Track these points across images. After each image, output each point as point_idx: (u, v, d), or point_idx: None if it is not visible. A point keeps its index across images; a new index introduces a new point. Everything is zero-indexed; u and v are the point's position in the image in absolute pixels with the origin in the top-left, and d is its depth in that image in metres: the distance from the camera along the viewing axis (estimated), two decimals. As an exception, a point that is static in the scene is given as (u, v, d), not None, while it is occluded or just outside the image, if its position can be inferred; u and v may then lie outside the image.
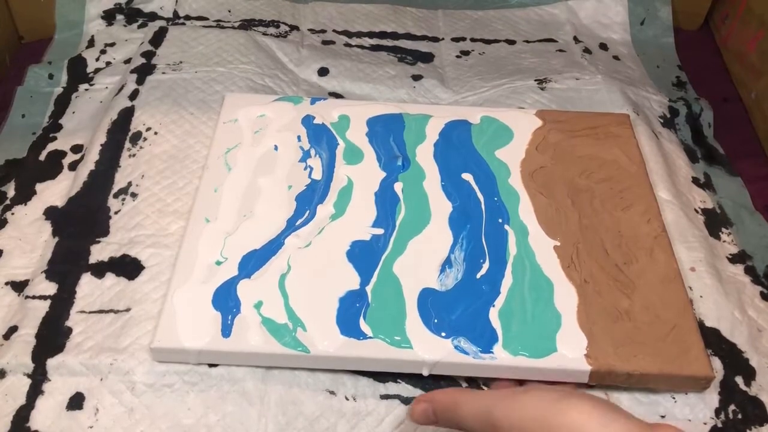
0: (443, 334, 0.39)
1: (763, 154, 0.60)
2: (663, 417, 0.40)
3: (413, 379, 0.41)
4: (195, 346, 0.39)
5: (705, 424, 0.40)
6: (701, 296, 0.45)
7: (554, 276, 0.42)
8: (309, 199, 0.46)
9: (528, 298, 0.41)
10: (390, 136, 0.50)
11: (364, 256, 0.43)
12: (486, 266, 0.42)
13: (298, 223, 0.45)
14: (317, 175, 0.48)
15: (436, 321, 0.40)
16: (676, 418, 0.40)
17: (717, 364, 0.42)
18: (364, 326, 0.39)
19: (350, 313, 0.40)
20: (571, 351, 0.38)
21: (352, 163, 0.49)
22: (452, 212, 0.45)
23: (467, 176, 0.47)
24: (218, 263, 0.43)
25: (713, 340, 0.43)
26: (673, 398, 0.41)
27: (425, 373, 0.39)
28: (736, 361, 0.43)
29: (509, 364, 0.38)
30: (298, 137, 0.50)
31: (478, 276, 0.42)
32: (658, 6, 0.69)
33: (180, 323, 0.40)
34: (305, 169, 0.48)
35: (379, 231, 0.44)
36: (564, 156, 0.49)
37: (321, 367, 0.40)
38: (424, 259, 0.43)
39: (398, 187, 0.47)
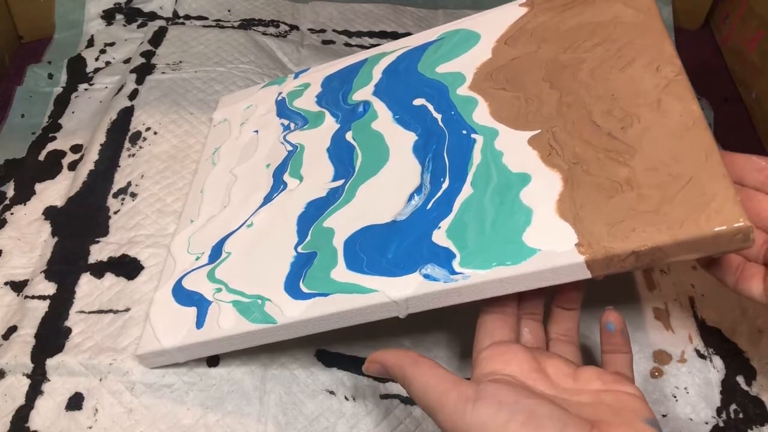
0: (373, 274, 0.36)
1: (765, 154, 0.59)
2: (664, 416, 0.40)
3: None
4: (173, 343, 0.39)
5: (706, 423, 0.40)
6: (703, 295, 0.45)
7: (531, 170, 0.36)
8: (281, 172, 0.45)
9: (489, 206, 0.36)
10: (341, 88, 0.48)
11: (316, 214, 0.41)
12: (446, 184, 0.38)
13: (273, 197, 0.44)
14: (290, 146, 0.47)
15: (366, 264, 0.37)
16: (678, 418, 0.40)
17: (718, 363, 0.42)
18: (303, 287, 0.37)
19: (297, 277, 0.38)
20: (556, 245, 0.32)
21: (310, 128, 0.47)
22: (417, 140, 0.42)
23: (420, 101, 0.44)
24: (197, 258, 0.43)
25: (714, 339, 0.43)
26: (675, 397, 0.41)
27: (402, 315, 0.35)
28: (737, 361, 0.43)
29: (488, 279, 0.33)
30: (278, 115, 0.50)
31: (431, 203, 0.38)
32: (658, 6, 0.68)
33: (158, 325, 0.40)
34: (282, 143, 0.47)
35: (337, 184, 0.42)
36: (545, 37, 0.42)
37: (297, 335, 0.37)
38: (379, 198, 0.40)
39: (349, 135, 0.45)
